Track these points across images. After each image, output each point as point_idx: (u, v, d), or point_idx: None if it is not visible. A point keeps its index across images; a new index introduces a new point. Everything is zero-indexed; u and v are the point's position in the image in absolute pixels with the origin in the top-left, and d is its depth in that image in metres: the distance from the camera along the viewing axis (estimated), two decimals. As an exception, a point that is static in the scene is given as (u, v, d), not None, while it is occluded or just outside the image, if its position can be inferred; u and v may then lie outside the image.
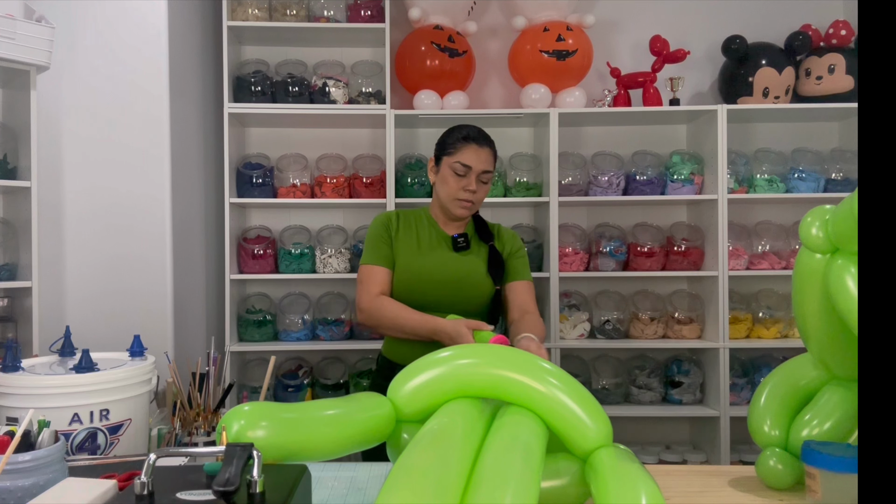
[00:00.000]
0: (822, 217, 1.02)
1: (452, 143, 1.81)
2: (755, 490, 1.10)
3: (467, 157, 1.78)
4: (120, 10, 2.44)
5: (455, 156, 1.79)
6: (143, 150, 2.45)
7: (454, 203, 1.81)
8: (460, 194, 1.80)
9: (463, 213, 1.83)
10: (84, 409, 1.15)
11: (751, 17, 3.20)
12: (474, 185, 1.79)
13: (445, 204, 1.83)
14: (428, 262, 1.80)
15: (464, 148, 1.79)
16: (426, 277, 1.79)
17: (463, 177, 1.79)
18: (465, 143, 1.80)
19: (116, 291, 2.43)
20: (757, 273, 2.94)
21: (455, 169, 1.78)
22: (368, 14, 2.90)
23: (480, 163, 1.79)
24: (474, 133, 1.82)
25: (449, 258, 1.83)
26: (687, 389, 2.95)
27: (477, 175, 1.79)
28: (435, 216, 1.90)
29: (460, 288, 1.79)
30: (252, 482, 0.72)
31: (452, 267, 1.81)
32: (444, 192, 1.82)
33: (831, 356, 1.08)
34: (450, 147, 1.81)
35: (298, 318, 2.94)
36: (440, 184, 1.83)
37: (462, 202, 1.80)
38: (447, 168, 1.80)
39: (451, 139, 1.83)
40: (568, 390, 0.92)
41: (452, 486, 0.72)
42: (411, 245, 1.84)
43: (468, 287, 1.81)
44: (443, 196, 1.83)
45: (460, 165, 1.78)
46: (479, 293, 1.82)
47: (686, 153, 2.99)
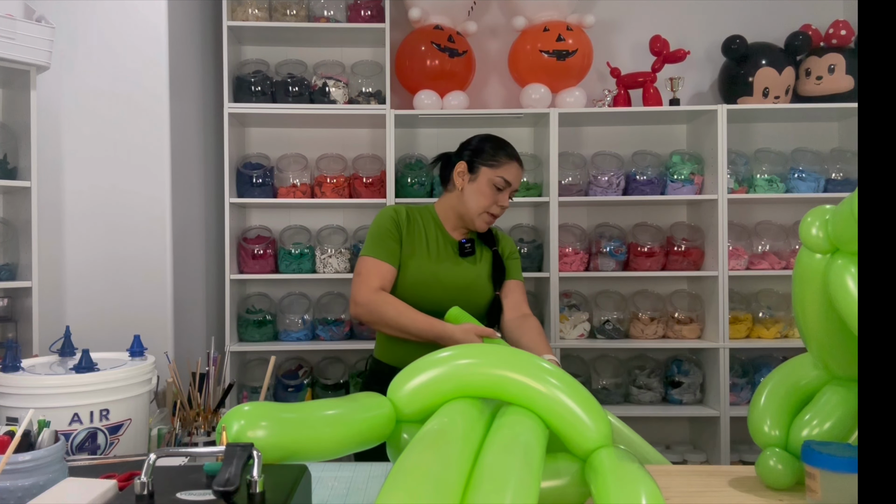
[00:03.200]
0: (822, 217, 1.02)
1: (495, 156, 1.80)
2: (755, 490, 1.10)
3: (510, 174, 1.79)
4: (120, 10, 2.44)
5: (499, 170, 1.79)
6: (144, 150, 2.45)
7: (482, 217, 1.81)
8: (493, 209, 1.80)
9: (484, 227, 1.83)
10: (84, 409, 1.15)
11: (751, 17, 3.20)
12: (507, 202, 1.81)
13: (470, 214, 1.81)
14: (437, 268, 1.79)
15: (508, 164, 1.80)
16: (433, 282, 1.77)
17: (500, 191, 1.79)
18: (510, 160, 1.80)
19: (116, 291, 2.43)
20: (757, 273, 2.94)
21: (496, 183, 1.78)
22: (368, 14, 2.90)
23: (517, 181, 1.82)
24: (514, 151, 1.84)
25: (457, 264, 1.82)
26: (687, 389, 2.95)
27: (511, 192, 1.82)
28: (443, 218, 1.88)
29: (463, 293, 1.79)
30: (252, 482, 0.72)
31: (460, 274, 1.81)
32: (476, 202, 1.80)
33: (831, 356, 1.08)
34: (492, 159, 1.80)
35: (298, 318, 2.94)
36: (473, 193, 1.81)
37: (489, 216, 1.81)
38: (486, 179, 1.79)
39: (493, 151, 1.81)
40: (568, 390, 0.92)
41: (452, 486, 0.72)
42: (421, 247, 1.81)
43: (471, 293, 1.80)
44: (472, 205, 1.81)
45: (503, 181, 1.78)
46: (481, 298, 1.82)
47: (686, 153, 2.99)
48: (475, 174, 1.81)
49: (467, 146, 1.87)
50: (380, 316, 1.71)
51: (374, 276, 1.74)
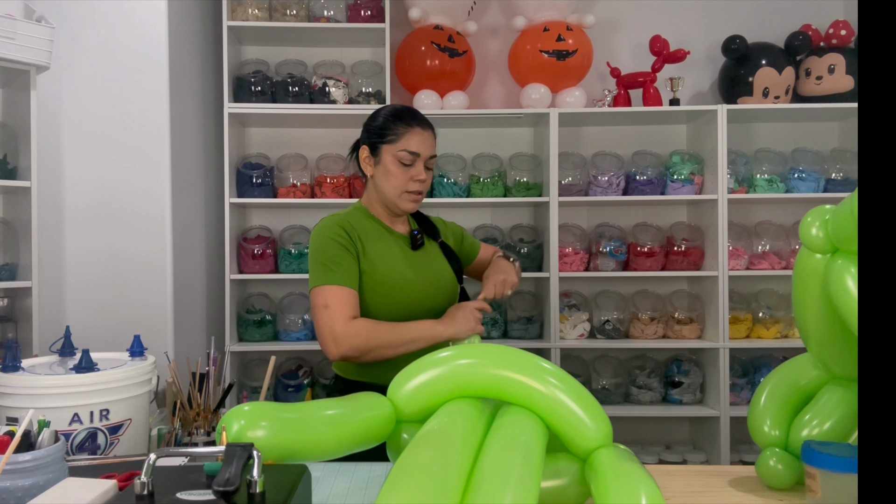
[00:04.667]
0: (822, 217, 1.02)
1: (392, 128, 1.58)
2: (755, 490, 1.10)
3: (413, 143, 1.57)
4: (120, 10, 2.44)
5: (399, 143, 1.56)
6: (144, 150, 2.45)
7: (403, 197, 1.59)
8: (410, 185, 1.58)
9: (412, 207, 1.62)
10: (84, 409, 1.15)
11: (751, 17, 3.20)
12: (424, 174, 1.58)
13: (392, 199, 1.60)
14: (401, 267, 1.58)
15: (407, 133, 1.57)
16: (402, 283, 1.57)
17: (410, 166, 1.57)
18: (408, 127, 1.57)
19: (117, 291, 2.43)
20: (757, 273, 2.94)
21: (400, 158, 1.56)
22: (368, 14, 2.90)
23: (427, 147, 1.59)
24: (415, 114, 1.61)
25: (415, 260, 1.62)
26: (687, 389, 2.95)
27: (424, 161, 1.59)
28: (376, 214, 1.65)
29: (434, 287, 1.62)
30: (252, 482, 0.72)
31: (424, 266, 1.63)
32: (390, 185, 1.58)
33: (831, 356, 1.08)
34: (390, 133, 1.57)
35: (298, 318, 2.94)
36: (383, 176, 1.59)
37: (412, 195, 1.59)
38: (390, 157, 1.57)
39: (389, 124, 1.59)
40: (568, 390, 0.92)
41: (452, 486, 0.72)
42: (374, 253, 1.58)
43: (441, 284, 1.64)
44: (388, 190, 1.59)
45: (406, 153, 1.56)
46: (448, 293, 1.65)
47: (686, 153, 2.99)
48: (377, 156, 1.60)
49: (367, 128, 1.64)
50: (374, 342, 1.48)
51: (344, 305, 1.49)
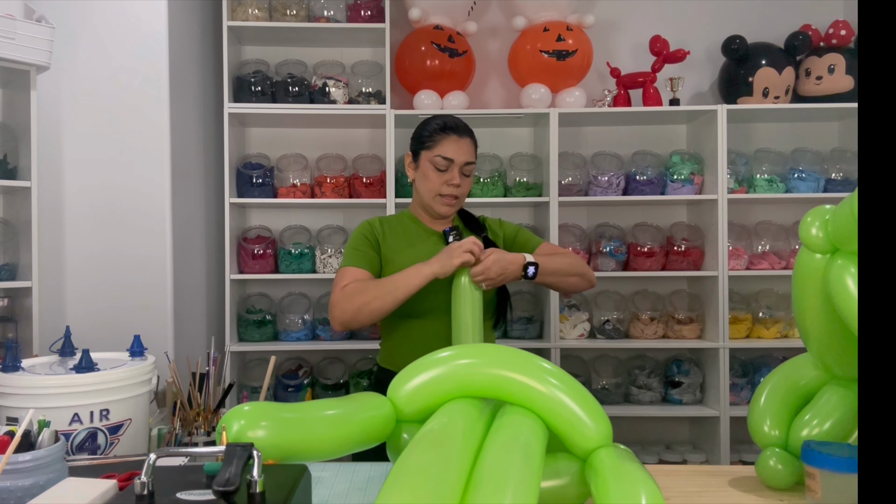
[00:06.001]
0: (822, 217, 1.02)
1: (430, 135, 1.69)
2: (755, 490, 1.10)
3: (448, 150, 1.66)
4: (120, 10, 2.44)
5: (434, 149, 1.67)
6: (143, 150, 2.45)
7: (437, 200, 1.69)
8: (444, 189, 1.67)
9: (447, 210, 1.71)
10: (84, 409, 1.15)
11: (751, 17, 3.20)
12: (458, 179, 1.67)
13: (428, 202, 1.71)
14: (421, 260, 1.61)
15: (443, 140, 1.67)
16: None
17: (444, 171, 1.67)
18: (444, 134, 1.68)
19: (117, 291, 2.43)
20: (757, 273, 2.94)
21: (436, 163, 1.67)
22: (368, 14, 2.90)
23: (462, 154, 1.67)
24: (452, 123, 1.70)
25: None
26: (687, 389, 2.95)
27: (459, 168, 1.67)
28: (419, 217, 1.77)
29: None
30: (252, 482, 0.72)
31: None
32: (426, 188, 1.70)
33: (831, 356, 1.08)
34: (427, 140, 1.69)
35: (298, 318, 2.94)
36: (420, 181, 1.71)
37: (445, 198, 1.68)
38: (427, 163, 1.69)
39: (427, 132, 1.70)
40: (568, 390, 0.92)
41: (452, 486, 0.72)
42: (404, 249, 1.69)
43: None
44: (424, 193, 1.71)
45: (441, 159, 1.66)
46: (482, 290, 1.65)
47: (686, 153, 2.99)
48: (418, 161, 1.72)
49: (412, 136, 1.75)
50: (361, 298, 1.57)
51: (347, 278, 1.62)
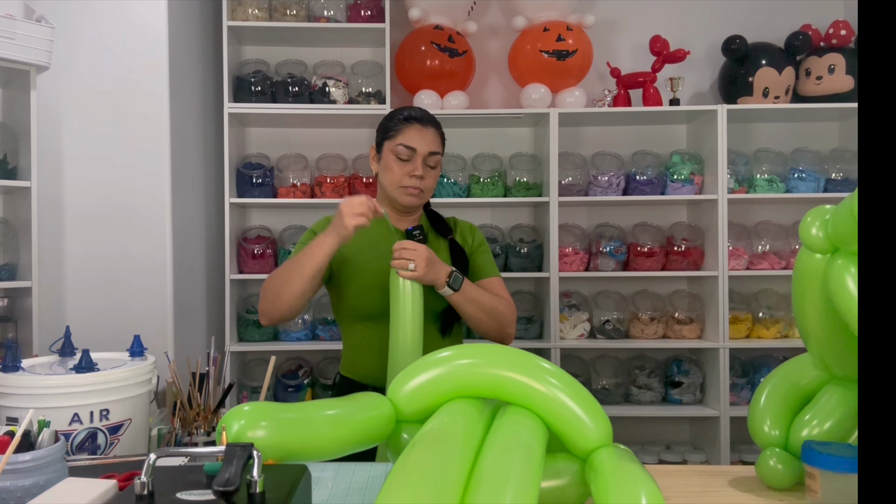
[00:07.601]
0: (822, 217, 1.02)
1: (393, 125, 1.62)
2: (755, 490, 1.10)
3: (410, 138, 1.59)
4: (120, 10, 2.44)
5: (396, 138, 1.60)
6: (144, 150, 2.45)
7: (400, 191, 1.61)
8: (405, 181, 1.60)
9: (410, 200, 1.62)
10: (84, 409, 1.15)
11: (751, 17, 3.20)
12: (421, 170, 1.59)
13: (391, 194, 1.63)
14: (382, 260, 1.53)
15: (406, 129, 1.61)
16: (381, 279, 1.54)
17: (407, 161, 1.60)
18: (407, 123, 1.61)
19: (117, 291, 2.43)
20: (757, 273, 2.94)
21: (398, 153, 1.60)
22: (368, 14, 2.90)
23: (425, 144, 1.60)
24: (417, 113, 1.65)
25: None
26: (687, 389, 2.95)
27: (423, 158, 1.60)
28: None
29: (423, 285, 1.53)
30: (252, 482, 0.72)
31: None
32: (388, 180, 1.62)
33: (831, 356, 1.08)
34: (391, 130, 1.62)
35: (298, 318, 2.94)
36: (383, 172, 1.63)
37: (408, 189, 1.60)
38: (389, 153, 1.61)
39: (389, 122, 1.64)
40: (568, 390, 0.92)
41: (452, 486, 0.72)
42: (361, 245, 1.61)
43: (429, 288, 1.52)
44: (387, 185, 1.63)
45: (403, 148, 1.59)
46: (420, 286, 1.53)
47: (686, 153, 2.99)
48: (381, 153, 1.65)
49: (377, 129, 1.70)
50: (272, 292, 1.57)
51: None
